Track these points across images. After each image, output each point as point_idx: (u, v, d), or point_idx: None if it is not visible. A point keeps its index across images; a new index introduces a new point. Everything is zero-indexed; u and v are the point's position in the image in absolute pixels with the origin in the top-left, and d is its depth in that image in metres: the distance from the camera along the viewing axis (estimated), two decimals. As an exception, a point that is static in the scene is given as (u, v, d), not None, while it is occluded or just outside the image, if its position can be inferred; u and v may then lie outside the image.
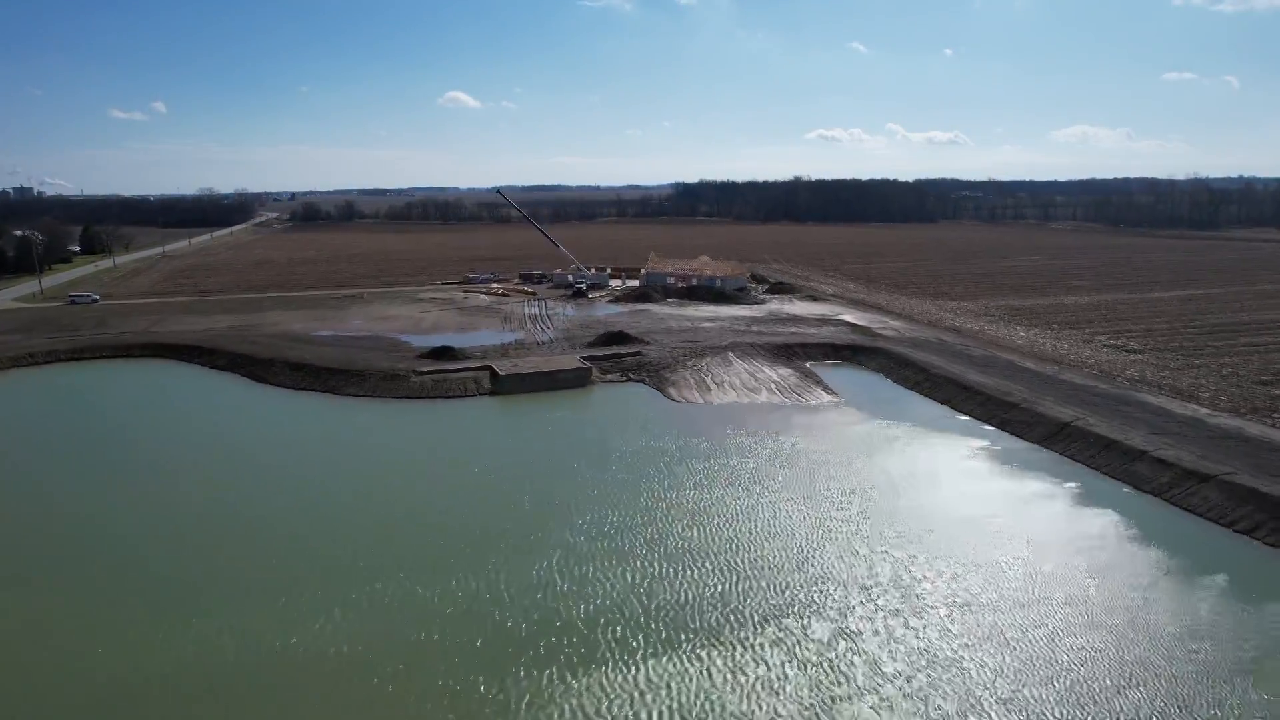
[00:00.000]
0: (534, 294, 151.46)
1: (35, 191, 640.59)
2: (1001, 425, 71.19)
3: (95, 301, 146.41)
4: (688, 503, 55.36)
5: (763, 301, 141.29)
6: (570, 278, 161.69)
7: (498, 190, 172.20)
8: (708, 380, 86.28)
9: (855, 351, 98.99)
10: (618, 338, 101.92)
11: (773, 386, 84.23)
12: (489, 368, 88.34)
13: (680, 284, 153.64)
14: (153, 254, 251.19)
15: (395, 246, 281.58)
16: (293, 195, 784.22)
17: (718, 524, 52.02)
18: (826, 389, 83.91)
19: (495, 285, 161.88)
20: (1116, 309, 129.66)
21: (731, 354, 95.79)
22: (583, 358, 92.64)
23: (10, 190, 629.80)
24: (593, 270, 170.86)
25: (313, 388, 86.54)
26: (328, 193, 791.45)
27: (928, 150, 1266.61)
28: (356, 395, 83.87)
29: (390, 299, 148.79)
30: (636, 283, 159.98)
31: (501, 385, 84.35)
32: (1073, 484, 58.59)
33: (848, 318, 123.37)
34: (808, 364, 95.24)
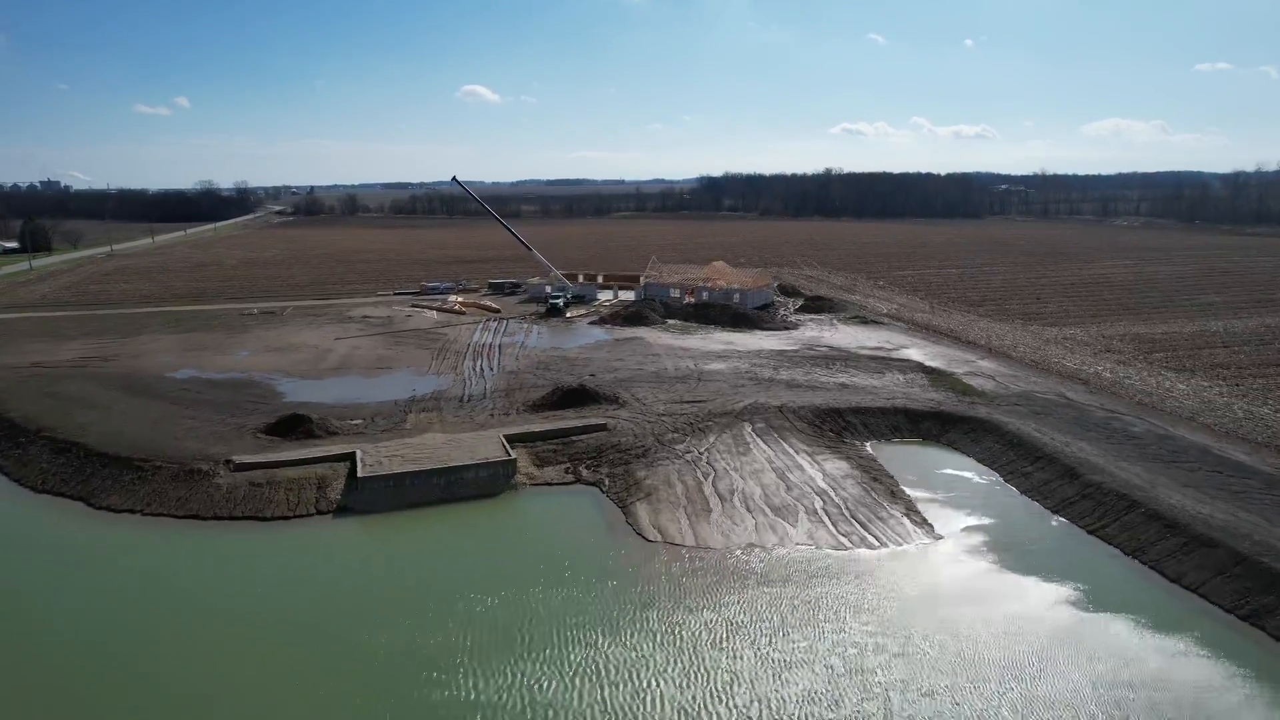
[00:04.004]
0: (498, 311, 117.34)
1: (62, 185, 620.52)
2: (1285, 634, 35.66)
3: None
4: None
5: (795, 325, 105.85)
6: (548, 288, 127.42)
7: (454, 179, 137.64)
8: (706, 487, 51.45)
9: (944, 424, 63.16)
10: (575, 396, 67.04)
11: (817, 504, 49.13)
12: (351, 457, 54.29)
13: (688, 299, 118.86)
14: (98, 253, 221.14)
15: (374, 244, 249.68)
16: (311, 189, 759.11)
17: None
18: (911, 511, 48.58)
19: (454, 298, 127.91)
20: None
21: (749, 428, 60.90)
22: (509, 436, 57.97)
23: (39, 184, 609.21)
24: (580, 279, 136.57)
25: (62, 490, 53.17)
26: (350, 187, 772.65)
27: (955, 144, 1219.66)
28: (118, 509, 50.15)
29: (314, 316, 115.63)
30: (632, 295, 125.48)
31: (358, 496, 50.13)
32: None
33: (915, 354, 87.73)
34: (868, 446, 60.03)
